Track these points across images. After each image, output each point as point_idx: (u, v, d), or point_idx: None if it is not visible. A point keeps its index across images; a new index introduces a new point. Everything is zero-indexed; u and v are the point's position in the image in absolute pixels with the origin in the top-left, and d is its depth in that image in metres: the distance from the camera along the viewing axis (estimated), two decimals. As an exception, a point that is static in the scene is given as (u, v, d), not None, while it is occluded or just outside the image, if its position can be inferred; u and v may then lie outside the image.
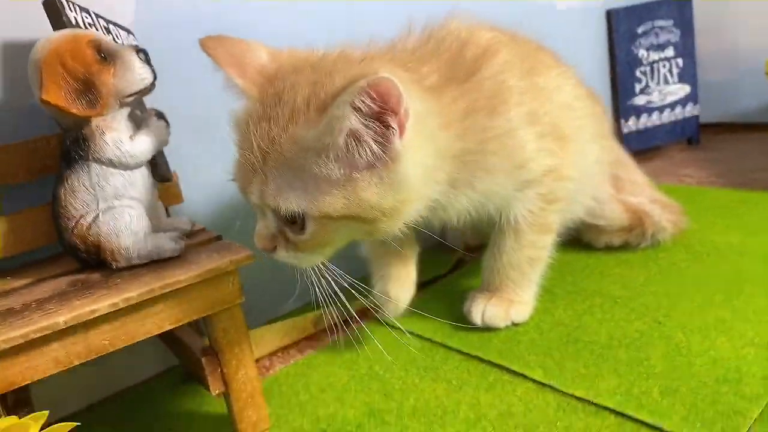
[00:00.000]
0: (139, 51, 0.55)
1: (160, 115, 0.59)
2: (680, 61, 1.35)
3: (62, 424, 0.45)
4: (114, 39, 0.61)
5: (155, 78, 0.56)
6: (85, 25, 0.58)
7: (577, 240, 0.89)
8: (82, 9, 0.59)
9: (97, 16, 0.61)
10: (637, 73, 1.33)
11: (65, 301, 0.49)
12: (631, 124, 1.35)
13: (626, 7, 1.30)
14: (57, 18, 0.56)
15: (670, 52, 1.34)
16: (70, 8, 0.57)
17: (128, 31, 0.66)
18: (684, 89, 1.37)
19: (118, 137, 0.54)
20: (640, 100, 1.35)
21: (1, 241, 0.59)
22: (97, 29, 0.59)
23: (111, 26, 0.62)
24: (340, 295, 0.55)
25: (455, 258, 0.90)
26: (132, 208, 0.54)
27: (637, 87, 1.34)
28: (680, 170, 1.23)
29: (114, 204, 0.54)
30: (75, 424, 0.45)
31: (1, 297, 0.52)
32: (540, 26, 1.09)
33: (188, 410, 0.66)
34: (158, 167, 0.59)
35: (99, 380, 0.71)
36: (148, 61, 0.55)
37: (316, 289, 0.55)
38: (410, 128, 0.47)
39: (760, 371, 0.55)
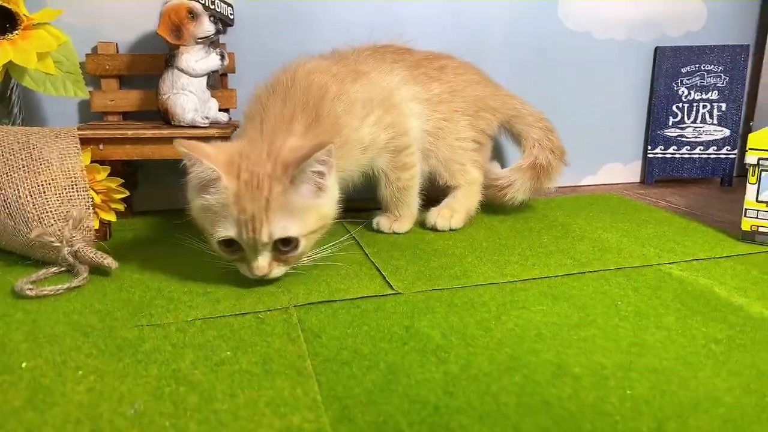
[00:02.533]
0: (211, 16, 1.04)
1: (220, 53, 1.08)
2: (723, 105, 1.45)
3: (115, 178, 0.97)
4: (217, 9, 1.11)
5: (217, 32, 1.05)
6: (198, -2, 1.08)
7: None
8: (200, -11, 1.09)
9: (209, -6, 1.11)
10: (674, 108, 1.48)
11: (143, 129, 1.01)
12: (657, 152, 1.50)
13: (674, 47, 1.45)
14: (184, -7, 1.07)
15: (713, 95, 1.46)
16: (192, -12, 1.07)
17: (228, 4, 1.16)
18: (722, 132, 1.47)
19: (189, 58, 1.04)
20: (671, 132, 1.49)
21: (138, 102, 1.15)
22: (205, 2, 1.09)
23: (217, 0, 1.13)
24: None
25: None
26: (187, 96, 1.04)
27: (671, 120, 1.48)
28: (671, 197, 1.38)
29: (179, 92, 1.04)
30: (122, 180, 0.97)
31: (128, 129, 1.07)
32: (576, 54, 1.36)
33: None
34: (209, 79, 1.08)
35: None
36: (215, 22, 1.04)
37: None
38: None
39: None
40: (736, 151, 1.47)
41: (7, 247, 0.91)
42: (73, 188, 0.90)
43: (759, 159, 0.98)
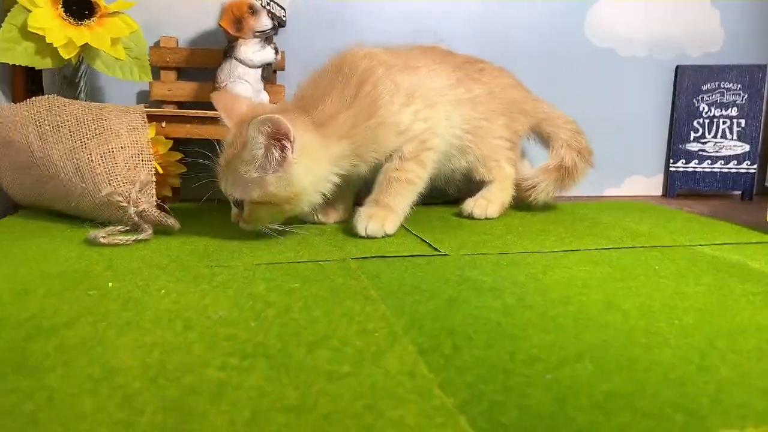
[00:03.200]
0: (269, 13, 1.13)
1: (275, 48, 1.17)
2: (743, 121, 1.52)
3: (174, 153, 1.03)
4: (271, 9, 1.21)
5: (273, 27, 1.14)
6: (256, -2, 1.17)
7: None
8: (258, -10, 1.19)
9: (266, -5, 1.20)
10: (695, 123, 1.54)
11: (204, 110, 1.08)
12: (679, 165, 1.56)
13: (694, 65, 1.52)
14: (244, -7, 1.17)
15: (733, 111, 1.52)
16: (250, -11, 1.17)
17: (282, 7, 1.25)
18: (742, 147, 1.53)
19: (247, 49, 1.12)
20: (693, 147, 1.55)
21: (193, 93, 1.23)
22: (262, 1, 1.19)
23: (271, 2, 1.22)
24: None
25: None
26: (243, 84, 1.12)
27: (692, 135, 1.54)
28: (694, 206, 1.43)
29: (236, 80, 1.12)
30: (181, 155, 1.04)
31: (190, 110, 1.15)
32: (600, 69, 1.44)
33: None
34: (264, 71, 1.16)
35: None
36: (272, 18, 1.13)
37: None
38: (297, 150, 0.81)
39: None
40: (755, 166, 1.53)
41: (75, 210, 0.96)
42: (138, 157, 0.96)
43: (783, 153, 1.03)
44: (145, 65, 1.11)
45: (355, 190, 1.10)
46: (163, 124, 1.05)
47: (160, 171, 1.00)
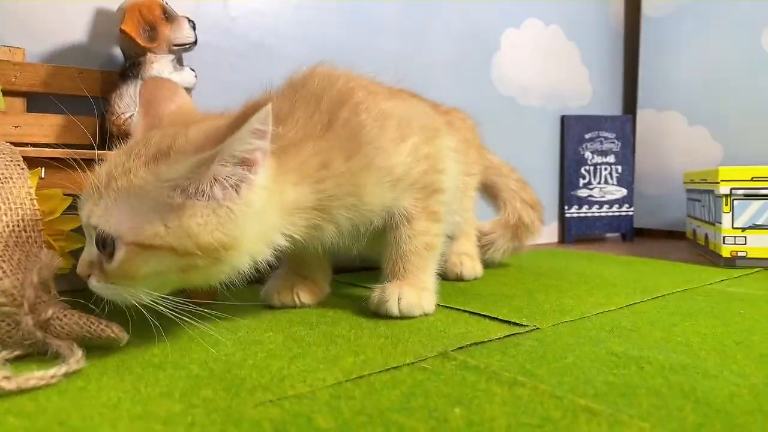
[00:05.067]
0: (190, 21, 0.82)
1: (191, 69, 0.85)
2: (619, 168, 1.63)
3: (71, 216, 0.65)
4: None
5: (196, 41, 0.83)
6: (158, 3, 0.85)
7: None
8: (158, -5, 0.86)
9: (167, 3, 0.89)
10: (582, 170, 1.60)
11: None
12: (573, 211, 1.59)
13: (576, 115, 1.60)
14: (141, -6, 0.83)
15: (611, 158, 1.62)
16: (151, -10, 0.84)
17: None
18: (621, 191, 1.63)
19: (161, 69, 0.79)
20: (582, 193, 1.60)
21: (56, 132, 0.83)
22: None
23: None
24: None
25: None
26: (157, 116, 0.78)
27: (581, 181, 1.60)
28: (600, 248, 1.45)
29: (146, 110, 0.77)
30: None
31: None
32: (502, 117, 1.40)
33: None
34: (181, 100, 0.83)
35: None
36: (194, 28, 0.82)
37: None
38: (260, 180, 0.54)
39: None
40: (633, 209, 1.63)
41: None
42: (19, 225, 0.57)
43: (731, 189, 1.07)
44: (-9, 83, 0.70)
45: (333, 259, 0.82)
46: (42, 173, 0.66)
47: (55, 247, 0.61)
